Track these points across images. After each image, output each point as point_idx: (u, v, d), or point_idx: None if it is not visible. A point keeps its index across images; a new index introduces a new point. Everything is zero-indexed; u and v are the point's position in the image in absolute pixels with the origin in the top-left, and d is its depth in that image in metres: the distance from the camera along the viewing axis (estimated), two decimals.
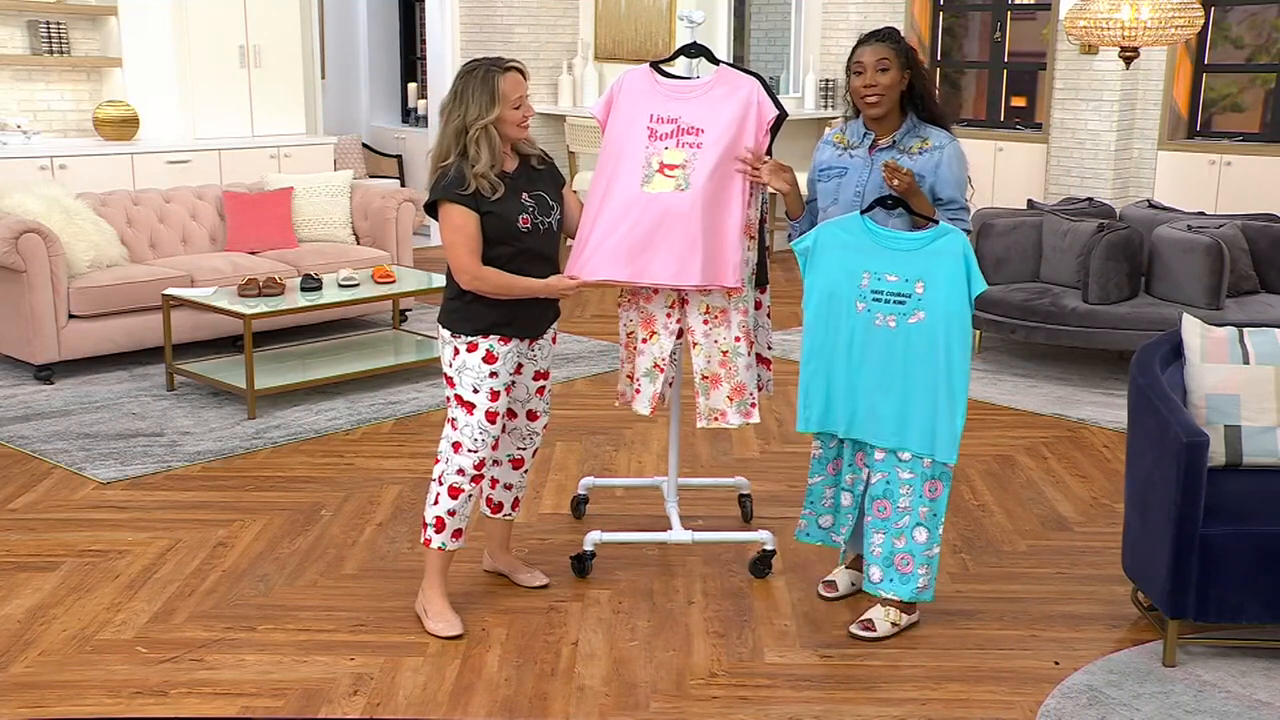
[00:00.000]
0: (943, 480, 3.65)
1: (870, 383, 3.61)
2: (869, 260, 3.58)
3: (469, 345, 3.64)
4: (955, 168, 3.65)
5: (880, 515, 3.69)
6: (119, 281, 6.41)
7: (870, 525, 3.71)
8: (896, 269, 3.55)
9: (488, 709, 3.30)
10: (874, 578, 3.70)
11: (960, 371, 3.54)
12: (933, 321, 3.52)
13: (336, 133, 11.25)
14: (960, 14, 10.40)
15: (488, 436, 3.66)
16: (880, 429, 3.63)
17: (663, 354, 3.96)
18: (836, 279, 3.62)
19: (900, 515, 3.65)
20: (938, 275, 3.51)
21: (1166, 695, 3.39)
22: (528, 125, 3.64)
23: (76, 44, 8.84)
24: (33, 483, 4.89)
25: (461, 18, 10.37)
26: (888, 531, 3.67)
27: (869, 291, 3.58)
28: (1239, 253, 6.41)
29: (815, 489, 3.87)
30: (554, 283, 3.67)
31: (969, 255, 3.51)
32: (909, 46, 3.71)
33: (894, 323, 3.56)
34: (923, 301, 3.52)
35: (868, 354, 3.60)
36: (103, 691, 3.35)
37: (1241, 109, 9.40)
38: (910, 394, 3.57)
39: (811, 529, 3.92)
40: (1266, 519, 3.54)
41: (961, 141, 3.74)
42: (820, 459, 3.84)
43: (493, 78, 3.54)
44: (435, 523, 3.69)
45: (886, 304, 3.56)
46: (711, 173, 3.80)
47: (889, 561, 3.68)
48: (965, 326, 3.54)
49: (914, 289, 3.53)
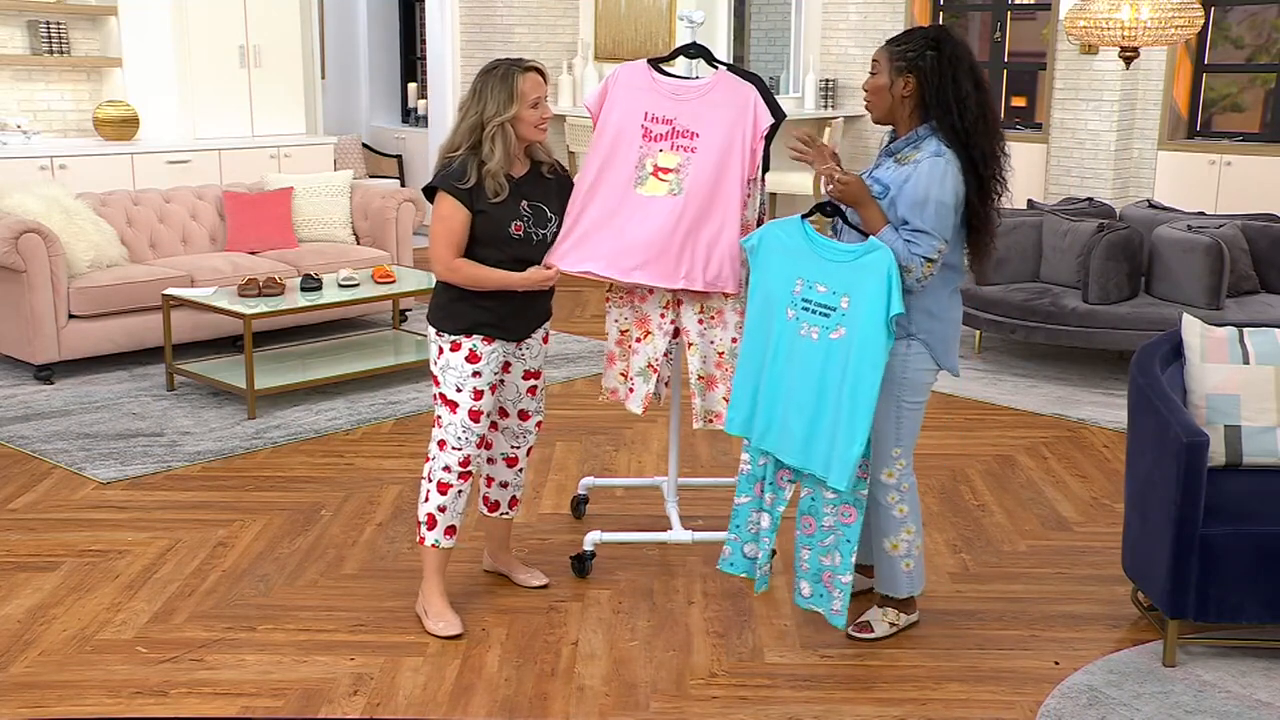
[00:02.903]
0: (856, 507, 3.51)
1: (786, 395, 3.49)
2: (803, 267, 3.47)
3: (452, 344, 3.64)
4: (920, 186, 3.35)
5: (806, 531, 3.58)
6: (119, 281, 6.41)
7: (798, 540, 3.61)
8: (827, 279, 3.42)
9: (488, 709, 3.30)
10: (804, 592, 3.61)
11: (865, 398, 3.36)
12: (850, 339, 3.38)
13: (336, 133, 11.25)
14: (960, 14, 10.40)
15: (471, 435, 3.66)
16: (789, 445, 3.50)
17: (656, 354, 3.96)
18: (773, 282, 3.51)
19: (825, 534, 3.55)
20: (864, 292, 3.35)
21: (1166, 695, 3.39)
22: (545, 128, 3.63)
23: (76, 44, 8.84)
24: (33, 483, 4.89)
25: (461, 18, 10.37)
26: (813, 549, 3.58)
27: (800, 299, 3.47)
28: (1239, 253, 6.41)
29: (741, 510, 3.68)
30: (531, 275, 3.63)
31: (893, 275, 3.31)
32: (922, 51, 3.41)
33: (816, 335, 3.44)
34: (846, 317, 3.39)
35: (789, 365, 3.48)
36: (103, 691, 3.35)
37: (1241, 109, 9.40)
38: (820, 413, 3.43)
39: (736, 558, 3.71)
40: (1266, 519, 3.54)
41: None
42: (749, 475, 3.65)
43: (513, 76, 3.55)
44: (427, 520, 3.71)
45: (813, 314, 3.44)
46: (705, 179, 3.79)
47: (817, 578, 3.58)
48: (878, 351, 3.34)
49: (839, 303, 3.40)
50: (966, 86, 3.40)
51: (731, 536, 3.72)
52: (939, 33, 3.47)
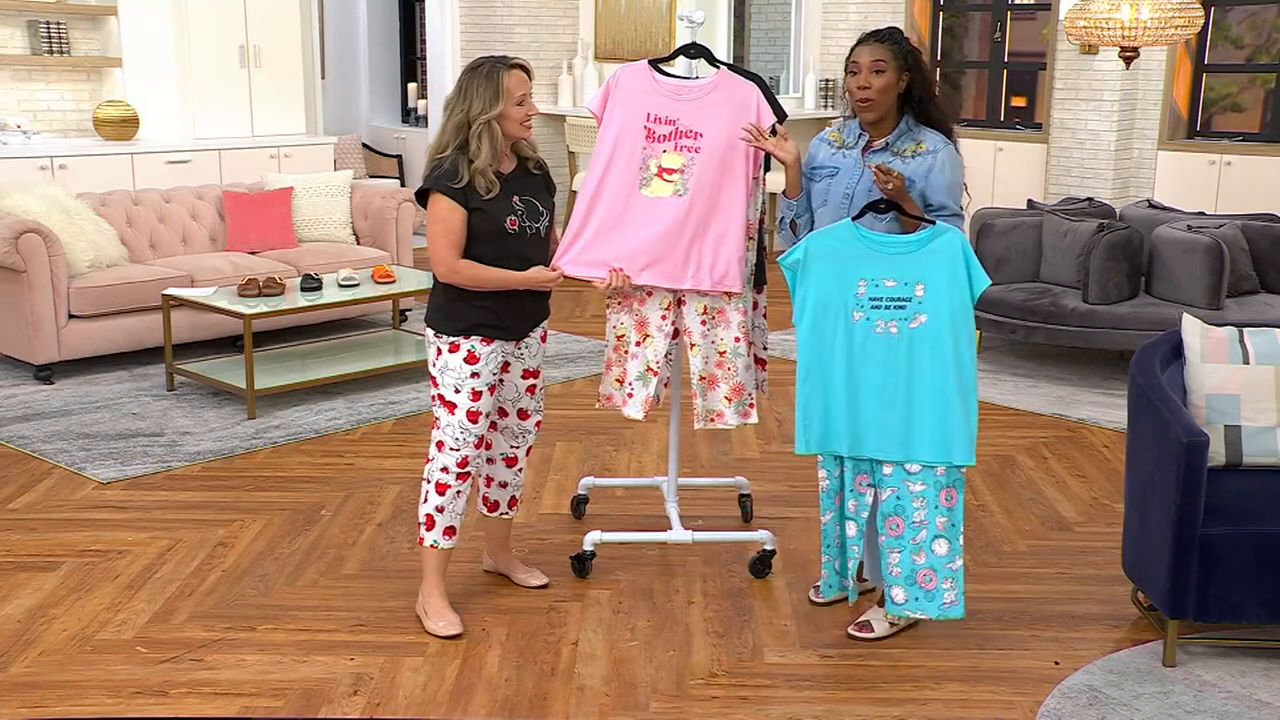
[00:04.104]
0: (957, 487, 3.50)
1: (872, 395, 3.47)
2: (864, 267, 3.47)
3: (451, 346, 3.64)
4: (948, 173, 3.56)
5: (894, 534, 3.52)
6: (119, 281, 6.41)
7: (885, 545, 3.54)
8: (894, 273, 3.45)
9: (488, 709, 3.30)
10: (897, 599, 3.54)
11: (969, 371, 3.45)
12: (936, 323, 3.43)
13: (336, 133, 11.26)
14: (960, 14, 10.40)
15: (469, 435, 3.66)
16: (887, 442, 3.48)
17: (657, 356, 3.95)
18: (829, 289, 3.49)
19: (916, 530, 3.50)
20: (938, 276, 3.42)
21: (1166, 695, 3.39)
22: (531, 125, 3.64)
23: (76, 44, 8.84)
24: (33, 483, 4.89)
25: (461, 18, 10.37)
26: (904, 549, 3.51)
27: (866, 299, 3.46)
28: (1239, 253, 6.41)
29: (828, 530, 3.64)
30: (533, 275, 3.64)
31: (968, 252, 3.43)
32: (911, 48, 3.62)
33: (895, 329, 3.45)
34: (924, 304, 3.43)
35: (867, 365, 3.47)
36: (103, 691, 3.35)
37: (1241, 109, 9.40)
38: (916, 402, 3.45)
39: (832, 578, 3.68)
40: (1266, 519, 3.54)
41: (961, 142, 3.69)
42: (828, 491, 3.61)
43: (498, 74, 3.55)
44: (426, 520, 3.71)
45: (886, 310, 3.45)
46: (710, 179, 3.80)
47: (911, 580, 3.53)
48: (970, 325, 3.45)
49: (914, 292, 3.44)
50: (933, 83, 3.70)
51: (825, 558, 3.68)
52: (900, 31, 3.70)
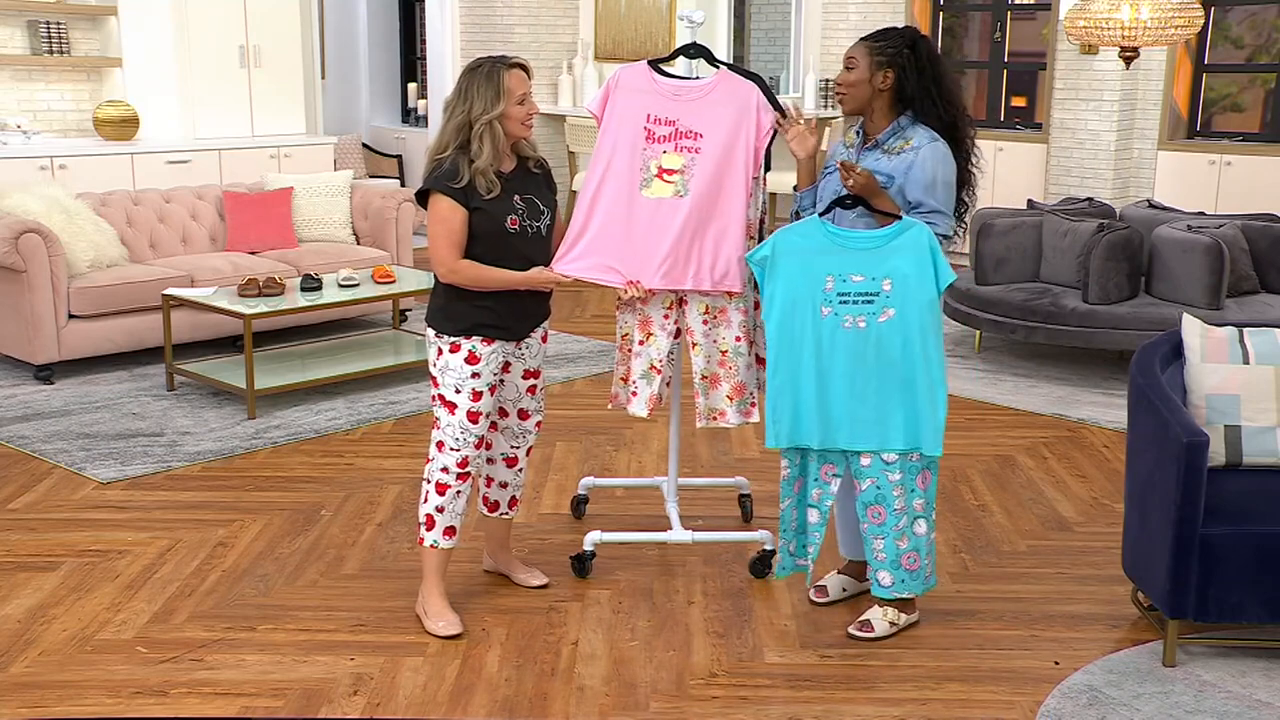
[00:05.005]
0: (931, 469, 3.63)
1: (842, 389, 3.54)
2: (832, 263, 3.52)
3: (451, 346, 3.64)
4: (928, 169, 3.55)
5: (876, 521, 3.62)
6: (119, 281, 6.41)
7: (869, 532, 3.65)
8: (862, 268, 3.50)
9: (488, 709, 3.30)
10: (884, 582, 3.65)
11: (937, 363, 3.51)
12: (904, 317, 3.48)
13: (336, 133, 11.25)
14: (960, 14, 10.40)
15: (470, 436, 3.66)
16: (862, 433, 3.56)
17: (660, 355, 3.96)
18: (797, 285, 3.54)
19: (898, 517, 3.61)
20: (905, 270, 3.47)
21: (1166, 695, 3.39)
22: (531, 124, 3.64)
23: (76, 44, 8.84)
24: (33, 483, 4.89)
25: (461, 18, 10.37)
26: (888, 535, 3.62)
27: (834, 294, 3.52)
28: (1239, 253, 6.41)
29: (785, 515, 3.74)
30: (533, 275, 3.65)
31: (934, 248, 3.46)
32: (902, 48, 3.61)
33: (864, 323, 3.50)
34: (891, 298, 3.48)
35: (835, 360, 3.53)
36: (103, 691, 3.35)
37: (1241, 109, 9.40)
38: (887, 393, 3.52)
39: (785, 560, 3.79)
40: (1266, 519, 3.54)
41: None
42: (788, 479, 3.70)
43: (498, 73, 3.55)
44: (426, 520, 3.71)
45: (854, 305, 3.51)
46: (710, 179, 3.80)
47: (896, 564, 3.63)
48: (937, 318, 3.51)
49: (881, 287, 3.49)
50: (946, 82, 3.66)
51: (782, 542, 3.78)
52: (913, 33, 3.70)
